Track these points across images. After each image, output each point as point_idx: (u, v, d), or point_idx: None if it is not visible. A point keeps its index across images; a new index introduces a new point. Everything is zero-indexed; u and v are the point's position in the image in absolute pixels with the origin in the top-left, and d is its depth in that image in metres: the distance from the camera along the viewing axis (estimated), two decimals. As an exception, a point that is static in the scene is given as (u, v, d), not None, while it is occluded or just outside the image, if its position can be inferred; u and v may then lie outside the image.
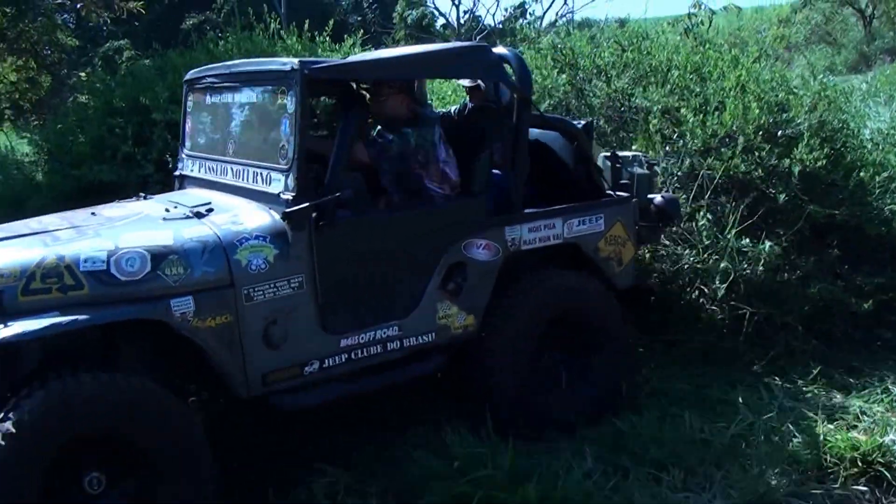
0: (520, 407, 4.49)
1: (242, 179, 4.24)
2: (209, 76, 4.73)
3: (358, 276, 4.12)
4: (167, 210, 4.15)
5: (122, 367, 3.75)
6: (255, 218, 3.95)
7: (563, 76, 6.93)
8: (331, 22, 10.61)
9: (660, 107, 6.11)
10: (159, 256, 3.69)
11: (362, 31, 12.18)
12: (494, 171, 4.62)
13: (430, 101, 5.44)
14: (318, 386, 4.44)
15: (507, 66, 4.57)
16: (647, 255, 5.59)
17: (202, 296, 3.71)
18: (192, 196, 4.50)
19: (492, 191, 4.53)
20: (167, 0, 20.42)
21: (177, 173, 4.94)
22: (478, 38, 20.83)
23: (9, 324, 3.45)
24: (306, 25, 10.23)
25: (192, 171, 4.79)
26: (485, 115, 4.82)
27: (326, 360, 4.03)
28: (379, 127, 4.71)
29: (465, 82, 5.19)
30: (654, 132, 6.03)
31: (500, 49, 4.73)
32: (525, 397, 4.52)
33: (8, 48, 13.66)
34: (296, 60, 3.97)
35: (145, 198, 4.65)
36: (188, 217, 4.03)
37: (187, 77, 4.94)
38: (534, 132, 5.00)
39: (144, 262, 3.66)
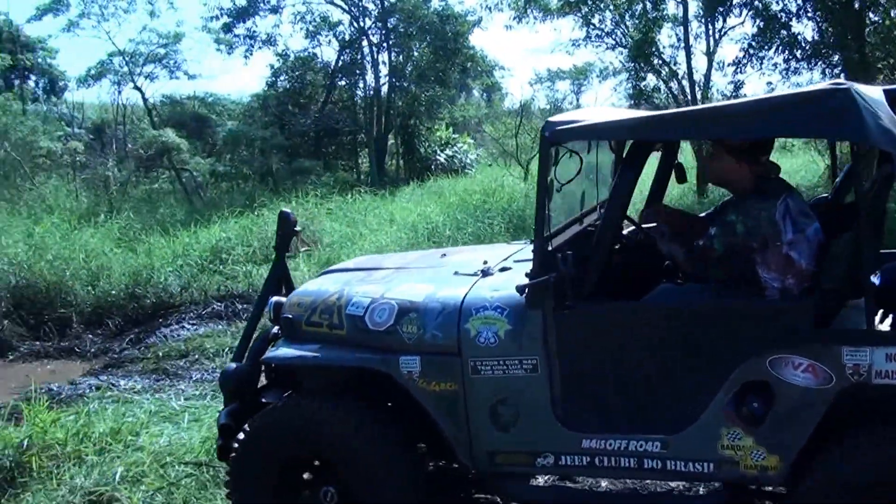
0: None
1: None
2: None
3: (611, 371, 3.55)
4: (484, 262, 4.09)
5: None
6: (511, 287, 3.65)
7: None
8: None
9: None
10: (403, 311, 3.79)
11: None
12: None
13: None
14: (553, 483, 4.18)
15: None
16: None
17: (429, 358, 3.71)
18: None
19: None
20: None
21: None
22: None
23: (280, 347, 4.09)
24: None
25: None
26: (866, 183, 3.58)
27: (563, 458, 3.61)
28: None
29: None
30: None
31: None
32: None
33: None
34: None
35: (526, 242, 4.51)
36: (473, 274, 3.97)
37: None
38: None
39: (391, 314, 3.80)
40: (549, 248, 3.61)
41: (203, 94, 31.41)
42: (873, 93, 3.21)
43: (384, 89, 28.35)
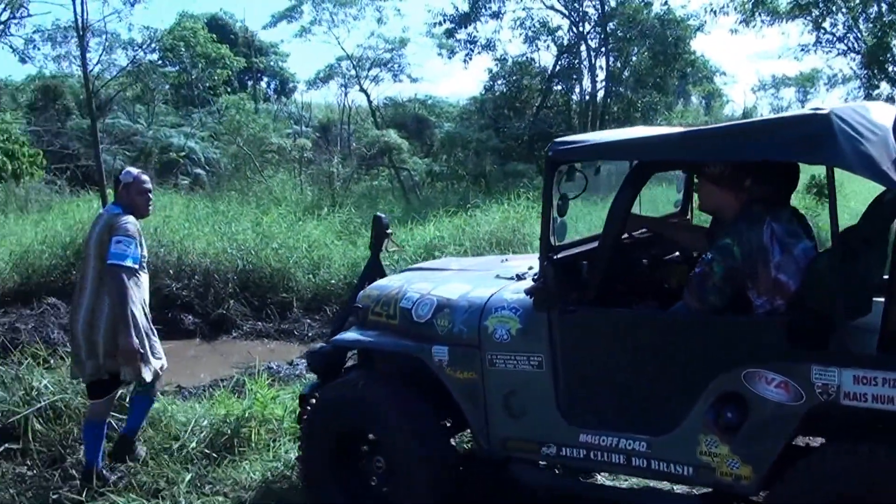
0: None
1: None
2: None
3: (605, 372, 3.77)
4: (529, 268, 4.43)
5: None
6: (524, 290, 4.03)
7: None
8: None
9: None
10: (440, 307, 4.25)
11: None
12: None
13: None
14: (556, 471, 4.39)
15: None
16: None
17: (455, 349, 4.12)
18: None
19: None
20: None
21: None
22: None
23: (349, 332, 4.67)
24: None
25: None
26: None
27: (564, 449, 3.87)
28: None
29: None
30: None
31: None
32: None
33: None
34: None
35: None
36: (509, 278, 4.34)
37: None
38: None
39: (431, 309, 4.27)
40: (554, 258, 3.88)
41: (423, 96, 32.39)
42: (876, 115, 3.26)
43: (600, 94, 28.05)
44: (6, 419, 5.64)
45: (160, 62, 26.72)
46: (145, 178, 5.17)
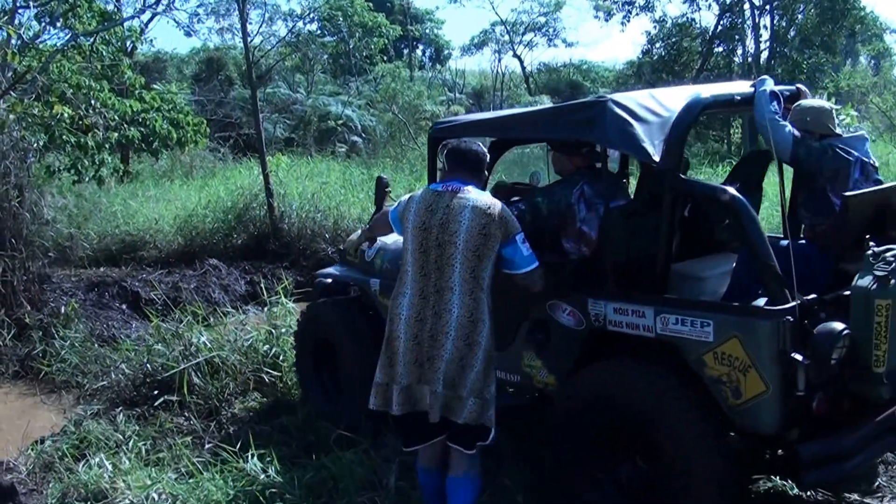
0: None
1: None
2: None
3: None
4: None
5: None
6: None
7: None
8: None
9: None
10: (379, 249, 5.35)
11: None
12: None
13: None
14: None
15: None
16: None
17: (384, 281, 5.26)
18: None
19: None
20: None
21: None
22: None
23: (330, 268, 6.05)
24: None
25: None
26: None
27: None
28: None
29: None
30: None
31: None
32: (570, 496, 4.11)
33: None
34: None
35: None
36: None
37: None
38: None
39: (375, 250, 5.36)
40: None
41: (578, 61, 31.89)
42: (669, 100, 3.96)
43: (763, 56, 26.82)
44: (165, 372, 5.93)
45: (318, 32, 27.31)
46: None
